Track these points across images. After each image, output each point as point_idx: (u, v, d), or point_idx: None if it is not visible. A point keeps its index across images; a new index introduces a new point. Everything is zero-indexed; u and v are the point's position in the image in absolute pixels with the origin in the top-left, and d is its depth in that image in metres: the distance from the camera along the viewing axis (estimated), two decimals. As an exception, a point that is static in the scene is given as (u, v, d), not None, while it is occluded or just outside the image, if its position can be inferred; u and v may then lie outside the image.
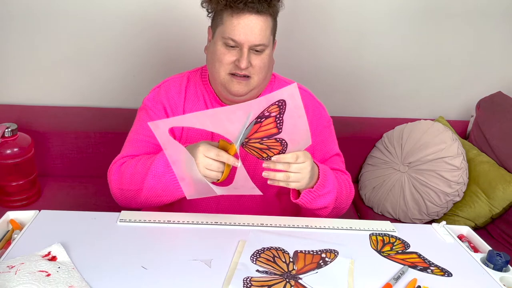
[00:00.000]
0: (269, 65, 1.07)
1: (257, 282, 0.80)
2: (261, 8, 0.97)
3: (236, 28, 0.98)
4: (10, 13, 1.67)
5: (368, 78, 1.91)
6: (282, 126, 0.87)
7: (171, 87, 1.14)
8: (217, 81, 1.06)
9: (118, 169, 1.06)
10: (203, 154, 0.90)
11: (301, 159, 0.93)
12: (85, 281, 0.77)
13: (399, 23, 1.82)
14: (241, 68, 1.01)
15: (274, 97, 0.83)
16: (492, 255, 0.93)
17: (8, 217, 0.97)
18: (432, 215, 1.64)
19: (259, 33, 0.99)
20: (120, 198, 1.07)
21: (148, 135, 1.10)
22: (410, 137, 1.73)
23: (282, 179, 0.94)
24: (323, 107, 1.20)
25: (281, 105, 0.84)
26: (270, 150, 0.92)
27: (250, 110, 0.84)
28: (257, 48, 1.01)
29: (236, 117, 0.85)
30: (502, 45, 1.89)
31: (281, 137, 0.89)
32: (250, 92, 1.07)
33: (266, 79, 1.09)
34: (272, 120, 0.86)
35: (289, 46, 1.81)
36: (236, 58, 1.01)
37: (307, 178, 0.95)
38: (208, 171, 0.91)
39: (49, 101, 1.81)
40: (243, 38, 0.99)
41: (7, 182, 1.53)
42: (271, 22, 1.03)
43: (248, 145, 0.92)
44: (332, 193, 1.05)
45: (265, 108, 0.84)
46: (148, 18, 1.73)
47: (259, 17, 0.99)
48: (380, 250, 0.95)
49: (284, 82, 1.19)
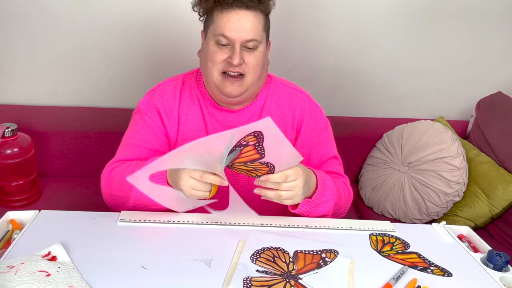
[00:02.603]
0: (263, 63, 1.05)
1: (257, 282, 0.80)
2: (251, 4, 0.97)
3: (226, 24, 0.98)
4: (10, 13, 1.67)
5: (368, 78, 1.91)
6: (264, 152, 0.85)
7: (166, 91, 1.13)
8: (210, 82, 1.05)
9: (109, 174, 1.05)
10: (188, 175, 0.89)
11: (291, 178, 0.91)
12: (85, 281, 0.77)
13: (399, 23, 1.82)
14: (233, 65, 1.00)
15: (249, 129, 0.80)
16: (492, 255, 0.93)
17: (8, 217, 0.97)
18: (432, 215, 1.64)
19: (251, 29, 0.98)
20: (111, 203, 1.06)
21: (142, 139, 1.09)
22: (410, 137, 1.73)
23: (274, 197, 0.93)
24: (320, 108, 1.19)
25: (258, 135, 0.82)
26: (257, 171, 0.91)
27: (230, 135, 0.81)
28: (249, 44, 1.00)
29: (213, 148, 0.83)
30: (502, 45, 1.89)
31: (265, 161, 0.87)
32: (245, 93, 1.06)
33: (260, 78, 1.08)
34: (251, 148, 0.84)
35: (289, 46, 1.81)
36: (228, 55, 1.00)
37: (300, 194, 0.94)
38: (194, 191, 0.90)
39: (49, 101, 1.81)
40: (234, 34, 0.98)
41: (7, 182, 1.53)
42: (263, 18, 1.02)
43: (234, 168, 0.90)
44: (331, 201, 1.04)
45: (241, 138, 0.82)
46: (148, 18, 1.73)
47: (249, 13, 0.98)
48: (380, 250, 0.95)
49: (281, 84, 1.17)
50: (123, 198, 1.02)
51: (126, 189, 1.00)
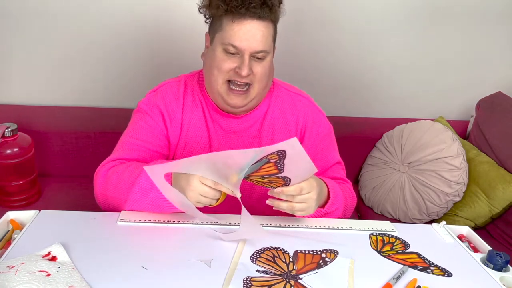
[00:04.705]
0: (269, 73, 1.04)
1: (257, 282, 0.80)
2: (263, 14, 0.95)
3: (237, 34, 0.96)
4: (10, 13, 1.67)
5: (368, 78, 1.91)
6: (283, 168, 0.85)
7: (168, 92, 1.10)
8: (214, 89, 1.04)
9: (105, 173, 1.02)
10: (199, 181, 0.87)
11: (305, 190, 0.90)
12: (85, 281, 0.77)
13: (399, 23, 1.82)
14: (241, 76, 0.98)
15: (274, 148, 0.80)
16: (492, 255, 0.93)
17: (8, 217, 0.97)
18: (432, 215, 1.64)
19: (261, 40, 0.97)
20: (103, 203, 1.03)
21: (142, 139, 1.07)
22: (410, 137, 1.73)
23: (287, 208, 0.92)
24: (323, 114, 1.18)
25: (281, 154, 0.82)
26: (272, 183, 0.90)
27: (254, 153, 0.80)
28: (258, 55, 0.98)
29: (233, 161, 0.82)
30: (502, 45, 1.89)
31: (283, 175, 0.87)
32: (250, 103, 1.05)
33: (266, 87, 1.07)
34: (272, 164, 0.84)
35: (290, 46, 1.80)
36: (236, 65, 0.98)
37: (313, 206, 0.93)
38: (202, 197, 0.88)
39: (49, 101, 1.81)
40: (245, 45, 0.96)
41: (7, 182, 1.53)
42: (272, 28, 1.00)
43: (250, 179, 0.89)
44: (340, 209, 1.06)
45: (263, 156, 0.82)
46: (148, 18, 1.73)
47: (261, 23, 0.96)
48: (380, 250, 0.95)
49: (284, 89, 1.16)
50: (118, 200, 0.99)
51: (123, 191, 0.97)
